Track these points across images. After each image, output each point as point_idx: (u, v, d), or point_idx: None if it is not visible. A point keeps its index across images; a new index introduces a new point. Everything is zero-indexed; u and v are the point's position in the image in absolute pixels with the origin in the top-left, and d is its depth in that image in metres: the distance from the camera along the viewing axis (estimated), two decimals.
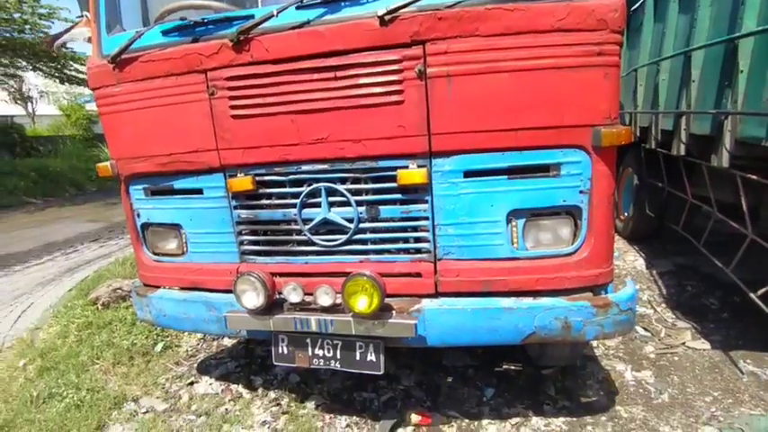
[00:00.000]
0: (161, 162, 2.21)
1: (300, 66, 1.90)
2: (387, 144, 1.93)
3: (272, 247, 2.24)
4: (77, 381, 3.01)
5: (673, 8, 3.98)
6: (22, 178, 13.20)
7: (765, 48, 2.62)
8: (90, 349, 3.39)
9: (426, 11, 1.77)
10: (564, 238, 1.99)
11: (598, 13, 1.71)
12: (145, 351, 3.40)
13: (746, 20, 2.77)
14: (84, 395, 2.85)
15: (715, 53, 3.18)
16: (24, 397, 2.87)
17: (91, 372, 3.15)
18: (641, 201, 5.08)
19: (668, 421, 2.45)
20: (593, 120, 1.81)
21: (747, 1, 2.75)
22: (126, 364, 3.24)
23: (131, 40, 2.06)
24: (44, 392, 2.89)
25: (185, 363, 3.30)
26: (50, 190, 13.65)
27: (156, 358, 3.33)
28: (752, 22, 2.74)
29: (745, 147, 2.84)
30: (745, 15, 2.77)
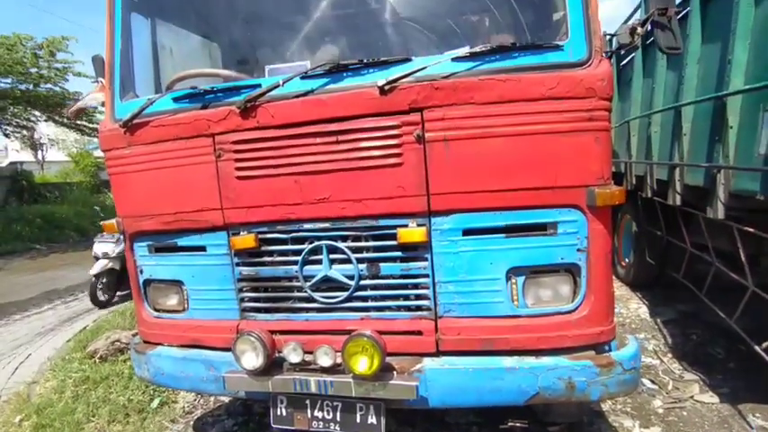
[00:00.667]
0: (166, 220, 2.26)
1: (304, 131, 1.99)
2: (387, 203, 1.98)
3: (273, 303, 2.25)
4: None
5: (661, 65, 4.16)
6: (28, 224, 13.33)
7: (754, 105, 2.72)
8: (86, 406, 3.32)
9: (423, 81, 1.87)
10: (564, 296, 1.99)
11: (586, 83, 1.81)
12: (141, 408, 3.32)
13: (733, 78, 2.88)
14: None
15: (704, 109, 3.30)
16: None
17: (86, 430, 3.07)
18: (641, 248, 5.09)
19: None
20: (586, 181, 1.86)
21: (734, 60, 2.87)
22: (121, 422, 3.17)
23: (143, 107, 2.16)
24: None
25: (181, 420, 3.22)
26: (54, 236, 13.74)
27: (152, 415, 3.26)
28: (739, 81, 2.86)
29: (739, 199, 2.89)
30: (732, 74, 2.89)
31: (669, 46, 1.99)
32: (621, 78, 5.46)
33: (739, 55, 2.84)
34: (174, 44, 2.72)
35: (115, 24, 2.33)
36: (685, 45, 3.45)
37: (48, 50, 12.31)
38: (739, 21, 2.82)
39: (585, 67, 1.84)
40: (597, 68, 1.83)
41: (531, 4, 2.34)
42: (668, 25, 1.97)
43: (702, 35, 3.44)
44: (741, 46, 2.83)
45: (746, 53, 2.82)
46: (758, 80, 2.63)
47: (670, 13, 1.95)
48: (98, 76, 2.51)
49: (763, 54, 2.71)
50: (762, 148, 2.61)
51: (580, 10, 1.86)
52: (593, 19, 1.87)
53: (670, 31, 1.98)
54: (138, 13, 2.47)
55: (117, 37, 2.34)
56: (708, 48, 3.38)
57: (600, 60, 1.85)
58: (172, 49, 2.68)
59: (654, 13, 1.93)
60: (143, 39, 2.57)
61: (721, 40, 3.10)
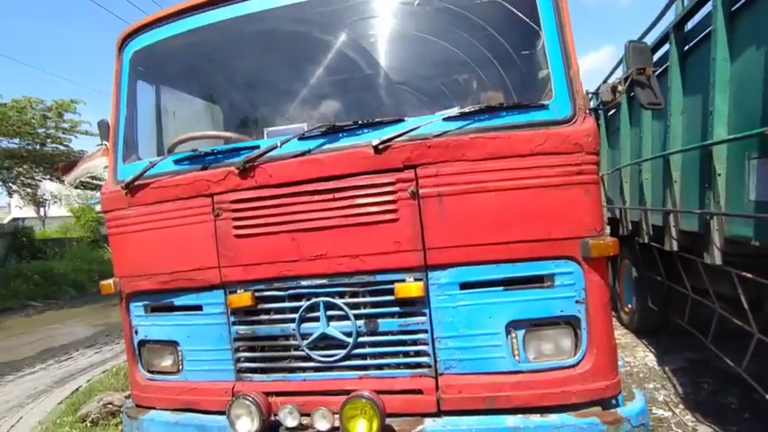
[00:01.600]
0: (163, 280, 2.27)
1: (301, 189, 2.03)
2: (383, 259, 2.00)
3: (270, 363, 2.20)
4: None
5: (646, 115, 4.30)
6: (25, 281, 13.25)
7: (739, 153, 2.79)
8: None
9: (416, 140, 1.94)
10: (566, 350, 1.96)
11: (573, 138, 1.87)
12: None
13: (716, 128, 2.98)
14: None
15: (692, 157, 3.39)
16: None
17: None
18: (643, 294, 5.04)
19: None
20: (579, 232, 1.89)
21: (715, 111, 2.98)
22: None
23: (145, 169, 2.23)
24: None
25: None
26: (52, 292, 13.61)
27: None
28: (722, 130, 2.96)
29: (735, 245, 2.90)
30: (715, 124, 2.99)
31: (650, 102, 2.08)
32: (610, 127, 5.64)
33: (720, 106, 2.95)
34: (176, 107, 2.84)
35: (121, 92, 2.45)
36: (668, 96, 3.60)
37: (56, 112, 12.74)
38: (717, 75, 2.95)
39: (571, 124, 1.91)
40: (582, 125, 1.91)
41: (516, 66, 2.47)
42: (647, 83, 2.07)
43: (684, 87, 3.59)
44: (721, 98, 2.95)
45: (727, 104, 2.94)
46: (740, 130, 2.73)
47: (648, 72, 2.05)
48: (103, 140, 2.60)
49: (742, 105, 2.82)
50: (751, 195, 2.66)
51: (562, 72, 1.96)
52: (576, 79, 1.97)
53: (650, 89, 2.07)
54: (143, 80, 2.60)
55: (123, 103, 2.45)
56: (690, 99, 3.52)
57: (584, 117, 1.92)
58: (174, 112, 2.79)
59: (633, 73, 2.04)
60: (147, 103, 2.68)
61: (702, 93, 3.23)
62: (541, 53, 2.05)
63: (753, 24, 2.70)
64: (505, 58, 2.40)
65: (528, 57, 2.35)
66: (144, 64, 2.53)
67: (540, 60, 2.15)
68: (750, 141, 2.65)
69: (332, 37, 2.32)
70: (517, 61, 2.40)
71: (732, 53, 2.89)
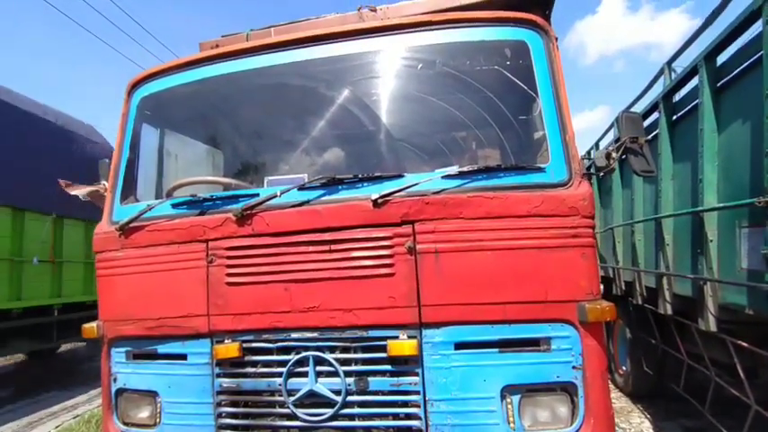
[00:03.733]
0: (149, 325, 2.20)
1: (297, 239, 2.03)
2: (377, 314, 1.96)
3: (253, 420, 2.10)
4: None
5: (637, 179, 4.40)
6: None
7: (730, 221, 2.84)
8: None
9: (415, 196, 1.96)
10: (562, 418, 1.90)
11: (569, 202, 1.91)
12: None
13: (706, 196, 3.05)
14: None
15: (683, 221, 3.44)
16: None
17: None
18: (637, 357, 4.95)
19: None
20: (575, 296, 1.88)
21: (705, 179, 3.06)
22: None
23: (142, 212, 2.22)
24: None
25: None
26: None
27: None
28: (712, 198, 3.02)
29: (729, 312, 2.89)
30: (705, 192, 3.06)
31: (643, 170, 2.14)
32: (602, 187, 5.75)
33: (709, 175, 3.04)
34: (179, 150, 2.87)
35: (126, 134, 2.48)
36: (658, 162, 3.70)
37: None
38: (705, 145, 3.06)
39: (567, 187, 1.95)
40: (578, 189, 1.95)
41: (514, 129, 2.55)
42: (640, 151, 2.14)
43: (673, 154, 3.70)
44: (710, 167, 3.04)
45: (716, 173, 3.02)
46: (730, 198, 2.79)
47: (641, 141, 2.12)
48: (102, 180, 2.60)
49: (731, 175, 2.90)
50: (743, 263, 2.68)
51: (558, 137, 2.03)
52: (571, 144, 2.03)
53: (642, 157, 2.14)
54: (148, 124, 2.64)
55: (126, 145, 2.48)
56: (680, 166, 3.62)
57: (580, 182, 1.97)
58: (177, 156, 2.82)
59: (626, 141, 2.11)
60: (150, 145, 2.71)
61: (691, 160, 3.33)
62: (538, 118, 2.12)
63: (738, 99, 2.83)
64: (503, 121, 2.49)
65: (526, 121, 2.44)
66: (151, 109, 2.58)
67: (537, 124, 2.22)
68: (740, 210, 2.70)
69: (336, 93, 2.40)
70: (515, 124, 2.48)
71: (719, 125, 3.01)
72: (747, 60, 2.70)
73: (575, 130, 2.06)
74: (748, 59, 2.68)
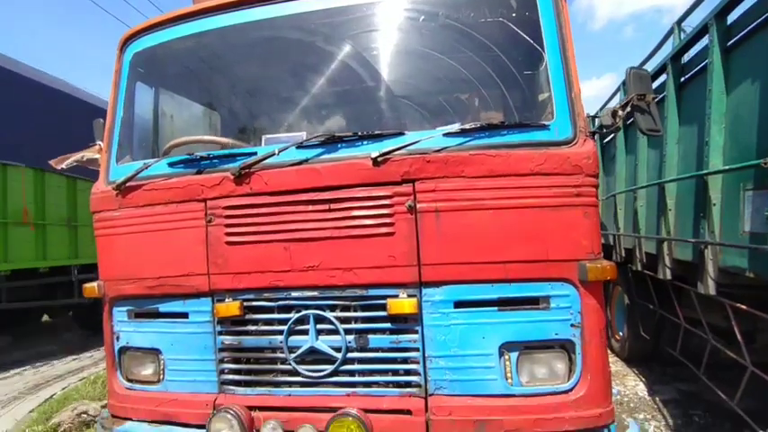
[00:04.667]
0: (150, 285, 2.20)
1: (296, 198, 2.00)
2: (377, 273, 1.95)
3: (254, 376, 2.13)
4: None
5: (642, 143, 4.35)
6: None
7: (734, 184, 2.81)
8: None
9: (416, 154, 1.92)
10: (559, 374, 1.92)
11: (573, 160, 1.87)
12: None
13: (712, 158, 3.01)
14: None
15: (687, 186, 3.41)
16: None
17: None
18: (634, 322, 5.01)
19: None
20: (576, 255, 1.87)
21: (711, 142, 3.02)
22: None
23: (138, 170, 2.18)
24: None
25: None
26: None
27: None
28: (717, 161, 2.98)
29: (729, 275, 2.90)
30: (711, 155, 3.02)
31: (649, 128, 2.09)
32: (605, 154, 5.69)
33: (716, 137, 2.99)
34: (174, 111, 2.81)
35: (120, 92, 2.42)
36: (664, 126, 3.63)
37: None
38: (713, 107, 2.99)
39: (571, 145, 1.91)
40: (582, 147, 1.90)
41: (519, 86, 2.48)
42: (647, 109, 2.08)
43: (680, 118, 3.64)
44: (717, 129, 2.98)
45: (722, 136, 2.97)
46: (735, 161, 2.75)
47: (648, 98, 2.06)
48: (97, 140, 2.56)
49: (737, 137, 2.85)
50: (746, 226, 2.66)
51: (564, 93, 1.97)
52: (577, 101, 1.97)
53: (649, 115, 2.08)
54: (143, 82, 2.57)
55: (120, 103, 2.42)
56: (686, 129, 3.56)
57: (585, 140, 1.92)
58: (172, 116, 2.76)
59: (633, 98, 2.05)
60: (145, 105, 2.65)
61: (698, 123, 3.27)
62: (544, 74, 2.06)
63: (748, 59, 2.75)
64: (508, 78, 2.42)
65: (530, 77, 2.36)
66: (144, 66, 2.51)
67: (542, 81, 2.16)
68: (745, 173, 2.67)
69: (335, 48, 2.32)
70: (520, 81, 2.41)
71: (728, 86, 2.94)
72: (758, 18, 2.60)
73: (581, 89, 2.00)
74: (759, 17, 2.59)
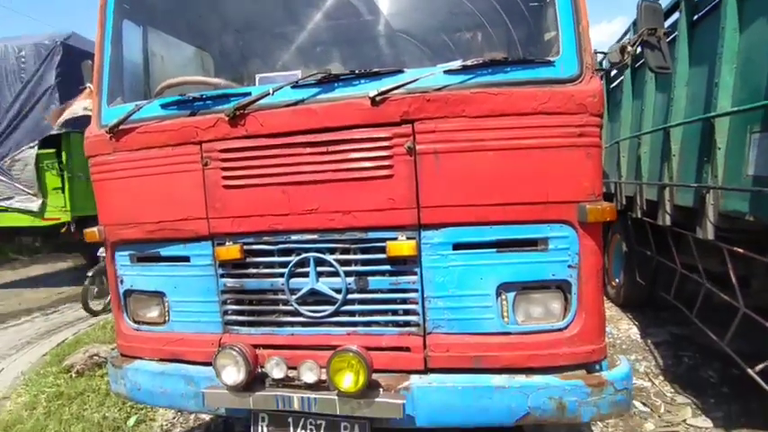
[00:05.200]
0: (149, 229, 2.20)
1: (293, 140, 1.95)
2: (376, 216, 1.95)
3: (257, 317, 2.18)
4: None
5: (650, 87, 4.23)
6: None
7: (741, 126, 2.76)
8: (58, 423, 3.18)
9: (415, 93, 1.85)
10: (555, 313, 1.96)
11: (578, 98, 1.81)
12: (116, 426, 3.19)
13: (721, 100, 2.93)
14: None
15: (693, 130, 3.34)
16: None
17: None
18: (631, 268, 5.09)
19: None
20: (577, 196, 1.85)
21: (720, 83, 2.93)
22: None
23: (130, 112, 2.12)
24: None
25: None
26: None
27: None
28: (726, 103, 2.91)
29: (728, 220, 2.90)
30: (720, 96, 2.94)
31: (659, 65, 2.01)
32: (611, 100, 5.55)
33: (726, 78, 2.89)
34: (165, 52, 2.70)
35: (106, 30, 2.31)
36: (673, 67, 3.51)
37: None
38: (725, 46, 2.88)
39: (577, 83, 1.84)
40: (588, 85, 1.84)
41: (524, 22, 2.36)
42: (658, 45, 1.99)
43: (690, 58, 3.51)
44: (727, 69, 2.89)
45: (733, 76, 2.88)
46: (744, 103, 2.68)
47: (659, 33, 1.97)
48: (87, 82, 2.48)
49: (748, 78, 2.76)
50: (750, 169, 2.63)
51: (572, 27, 1.88)
52: (585, 36, 1.88)
53: (659, 51, 2.00)
54: (129, 20, 2.45)
55: (107, 43, 2.31)
56: (695, 70, 3.45)
57: (591, 77, 1.85)
58: (163, 57, 2.66)
59: (644, 33, 1.95)
60: (134, 46, 2.55)
61: (708, 64, 3.16)
62: (551, 6, 1.95)
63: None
64: (513, 11, 2.29)
65: (536, 10, 2.24)
66: (130, 2, 2.38)
67: (548, 15, 2.05)
68: (753, 115, 2.61)
69: None
70: (525, 14, 2.29)
71: (742, 23, 2.82)
72: None
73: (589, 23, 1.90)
74: None
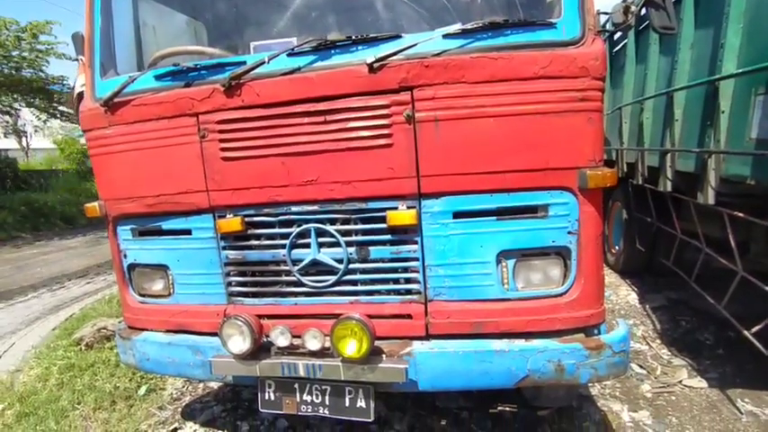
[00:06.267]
0: (150, 203, 2.20)
1: (291, 110, 1.93)
2: (376, 186, 1.94)
3: (261, 288, 2.20)
4: (56, 428, 2.89)
5: (653, 50, 4.13)
6: (12, 213, 13.06)
7: (745, 89, 2.71)
8: (71, 393, 3.27)
9: (414, 59, 1.82)
10: (554, 279, 1.98)
11: (580, 61, 1.77)
12: (128, 395, 3.28)
13: (726, 62, 2.88)
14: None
15: (696, 93, 3.29)
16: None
17: (71, 418, 3.03)
18: (631, 235, 5.11)
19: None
20: (577, 162, 1.84)
21: (726, 44, 2.86)
22: (107, 410, 3.12)
23: (124, 84, 2.09)
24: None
25: (169, 407, 3.19)
26: (40, 224, 13.51)
27: (139, 402, 3.22)
28: (731, 65, 2.85)
29: (729, 184, 2.89)
30: (725, 58, 2.88)
31: (663, 26, 1.96)
32: (614, 65, 5.44)
33: (732, 39, 2.83)
34: (157, 22, 2.63)
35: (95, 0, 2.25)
36: (678, 29, 3.42)
37: (31, 33, 12.00)
38: (732, 4, 2.80)
39: (579, 45, 1.80)
40: (591, 47, 1.80)
41: None
42: (662, 4, 1.94)
43: (696, 19, 3.42)
44: (733, 30, 2.82)
45: (739, 37, 2.81)
46: (750, 64, 2.62)
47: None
48: (78, 54, 2.42)
49: (754, 38, 2.70)
50: (753, 132, 2.61)
51: None
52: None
53: (664, 11, 1.94)
54: None
55: (97, 13, 2.25)
56: (700, 32, 3.36)
57: (593, 39, 1.81)
58: (155, 27, 2.59)
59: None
60: (124, 15, 2.48)
61: (714, 25, 3.08)
62: None
63: None
64: None
65: None
66: None
67: None
68: (758, 77, 2.56)
69: None
70: None
71: None
72: None
73: None
74: None
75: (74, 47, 2.50)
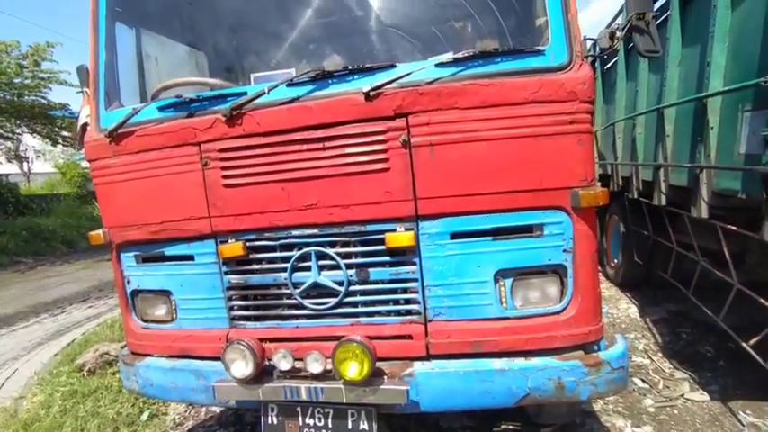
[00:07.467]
0: (153, 230, 2.25)
1: (290, 138, 1.99)
2: (374, 209, 1.99)
3: (262, 311, 2.23)
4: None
5: (643, 68, 4.23)
6: (13, 237, 13.09)
7: (733, 106, 2.78)
8: (74, 420, 3.27)
9: (408, 87, 1.88)
10: (552, 297, 2.01)
11: (568, 86, 1.84)
12: (131, 420, 3.27)
13: (713, 80, 2.95)
14: None
15: (686, 110, 3.37)
16: None
17: None
18: (629, 249, 5.15)
19: None
20: (569, 183, 1.89)
21: (713, 62, 2.94)
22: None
23: (128, 116, 2.15)
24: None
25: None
26: (41, 248, 13.53)
27: (142, 428, 3.21)
28: (718, 82, 2.93)
29: (721, 198, 2.94)
30: (711, 76, 2.96)
31: (648, 49, 2.03)
32: (606, 82, 5.55)
33: (718, 57, 2.91)
34: (159, 53, 2.71)
35: (99, 34, 2.33)
36: (666, 48, 3.52)
37: (32, 60, 12.20)
38: (717, 24, 2.89)
39: (567, 71, 1.87)
40: (578, 72, 1.87)
41: (512, 11, 2.38)
42: (646, 29, 2.01)
43: (682, 38, 3.51)
44: (719, 48, 2.90)
45: (725, 55, 2.89)
46: (736, 82, 2.70)
47: (648, 17, 1.99)
48: (83, 86, 2.50)
49: (740, 56, 2.78)
50: (742, 148, 2.67)
51: (560, 16, 1.90)
52: (573, 24, 1.90)
53: (648, 35, 2.02)
54: (122, 23, 2.46)
55: (101, 47, 2.33)
56: (688, 51, 3.46)
57: (581, 65, 1.88)
58: (157, 59, 2.67)
59: (632, 18, 1.97)
60: (128, 48, 2.56)
61: (700, 43, 3.17)
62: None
63: None
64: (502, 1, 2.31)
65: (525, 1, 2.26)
66: (122, 5, 2.39)
67: (537, 4, 2.07)
68: (744, 94, 2.63)
69: None
70: (514, 4, 2.30)
71: (734, 1, 2.82)
72: None
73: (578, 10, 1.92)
74: None
75: (78, 79, 2.57)
